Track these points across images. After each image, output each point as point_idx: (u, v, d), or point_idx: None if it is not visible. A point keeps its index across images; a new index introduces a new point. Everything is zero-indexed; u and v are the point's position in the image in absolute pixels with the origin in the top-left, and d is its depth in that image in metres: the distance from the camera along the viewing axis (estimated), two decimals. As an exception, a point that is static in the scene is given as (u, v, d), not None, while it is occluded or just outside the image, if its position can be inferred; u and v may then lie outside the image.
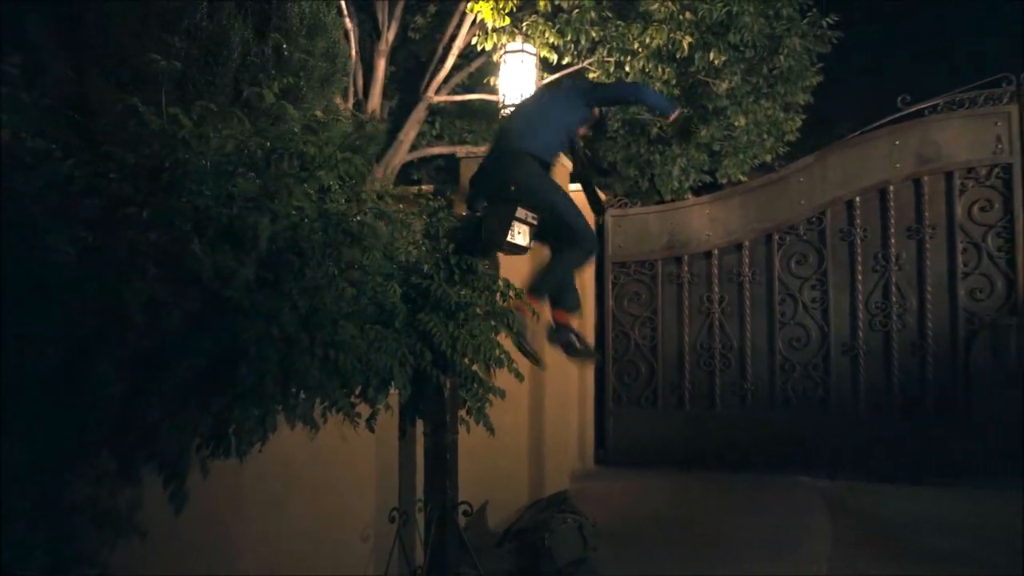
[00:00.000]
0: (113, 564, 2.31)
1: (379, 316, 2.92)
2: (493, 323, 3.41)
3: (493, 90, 7.10)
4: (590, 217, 4.36)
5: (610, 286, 6.93)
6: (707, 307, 6.76)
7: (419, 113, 7.17)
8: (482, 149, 7.18)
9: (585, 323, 6.57)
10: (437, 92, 7.41)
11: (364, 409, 2.93)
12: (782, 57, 6.45)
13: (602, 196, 6.68)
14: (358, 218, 2.82)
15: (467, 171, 5.58)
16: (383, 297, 2.95)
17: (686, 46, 5.85)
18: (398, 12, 7.37)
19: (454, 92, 7.65)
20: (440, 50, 7.62)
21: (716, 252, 6.75)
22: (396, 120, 7.50)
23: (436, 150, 7.68)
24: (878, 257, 6.41)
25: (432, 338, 3.13)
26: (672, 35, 5.77)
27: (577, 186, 6.34)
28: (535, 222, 3.53)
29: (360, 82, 7.47)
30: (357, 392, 2.88)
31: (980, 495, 5.35)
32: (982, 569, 3.78)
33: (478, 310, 3.31)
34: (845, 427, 6.26)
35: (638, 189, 8.54)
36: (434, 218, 3.51)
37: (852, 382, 6.37)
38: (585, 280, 6.57)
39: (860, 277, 6.43)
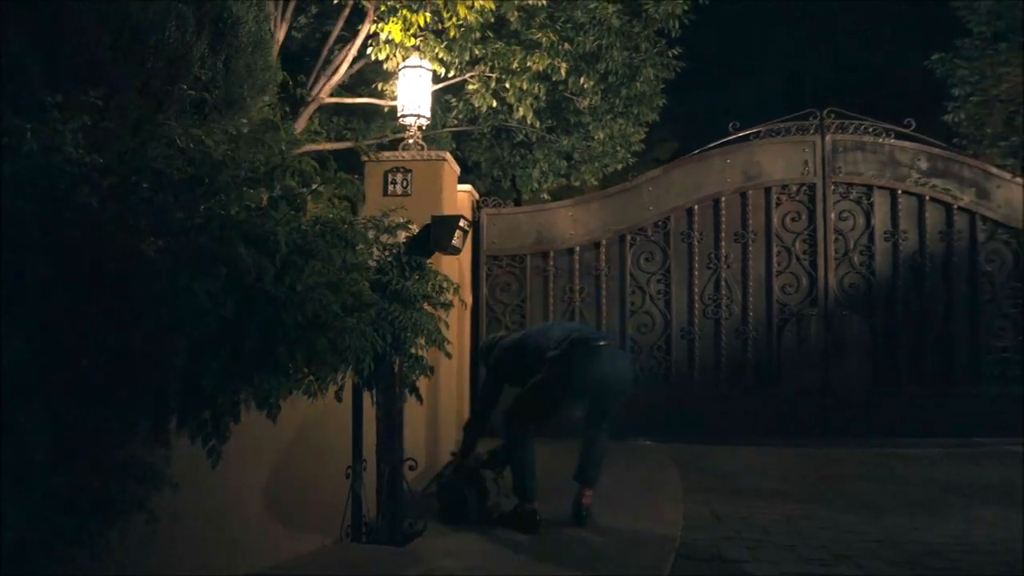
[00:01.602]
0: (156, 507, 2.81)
1: (356, 306, 3.57)
2: (435, 309, 4.15)
3: (379, 93, 7.70)
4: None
5: (484, 277, 7.73)
6: (569, 296, 7.71)
7: (309, 111, 7.64)
8: (368, 143, 7.80)
9: (464, 312, 7.33)
10: (320, 91, 7.88)
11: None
12: (639, 84, 7.51)
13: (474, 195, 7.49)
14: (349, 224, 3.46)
15: (372, 173, 6.20)
16: (358, 290, 3.59)
17: (564, 71, 6.76)
18: (288, 13, 7.77)
19: (334, 93, 8.13)
20: (325, 51, 8.08)
21: (578, 249, 7.71)
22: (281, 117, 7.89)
23: (324, 146, 8.15)
24: (711, 257, 7.60)
25: (393, 324, 3.81)
26: (552, 61, 6.65)
27: (467, 187, 7.14)
28: (468, 228, 4.26)
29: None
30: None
31: (789, 451, 6.62)
32: (790, 499, 4.91)
33: (426, 300, 4.03)
34: (683, 399, 7.43)
35: (500, 188, 9.40)
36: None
37: (689, 361, 7.55)
38: (464, 271, 7.32)
39: (696, 273, 7.60)
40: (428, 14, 6.00)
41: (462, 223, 4.08)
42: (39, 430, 2.45)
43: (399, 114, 6.35)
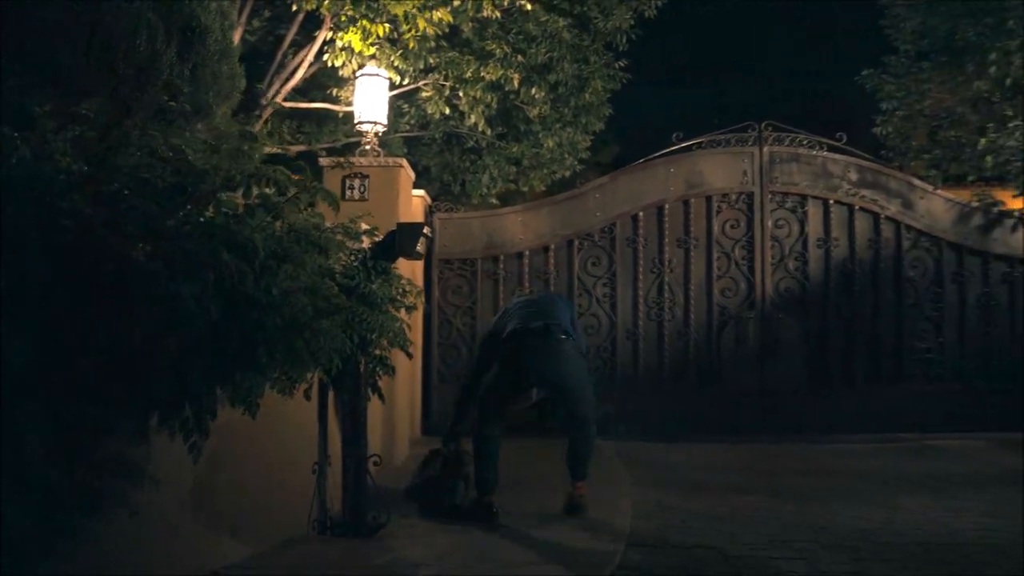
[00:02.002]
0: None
1: (330, 309, 3.74)
2: (398, 311, 4.34)
3: (334, 99, 7.83)
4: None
5: (436, 280, 7.91)
6: (518, 299, 7.95)
7: (265, 116, 7.72)
8: (322, 146, 7.93)
9: (416, 314, 7.50)
10: (275, 96, 7.97)
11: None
12: (588, 95, 7.81)
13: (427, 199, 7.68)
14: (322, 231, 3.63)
15: (329, 178, 6.34)
16: (331, 294, 3.77)
17: (516, 82, 7.00)
18: (243, 18, 7.83)
19: (288, 97, 8.22)
20: (279, 55, 8.17)
21: (527, 253, 7.95)
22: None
23: (275, 149, 8.22)
24: (655, 262, 7.93)
25: (360, 326, 3.99)
26: (505, 72, 6.89)
27: (420, 192, 7.32)
28: (430, 235, 4.47)
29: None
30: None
31: (729, 447, 6.97)
32: (732, 491, 5.23)
33: (391, 303, 4.22)
34: (628, 398, 7.72)
35: (450, 192, 9.59)
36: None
37: (633, 362, 7.86)
38: (416, 274, 7.50)
39: (641, 277, 7.92)
40: (387, 25, 6.17)
41: (426, 230, 4.28)
42: (38, 428, 2.57)
43: (356, 121, 6.50)
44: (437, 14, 5.96)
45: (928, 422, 7.49)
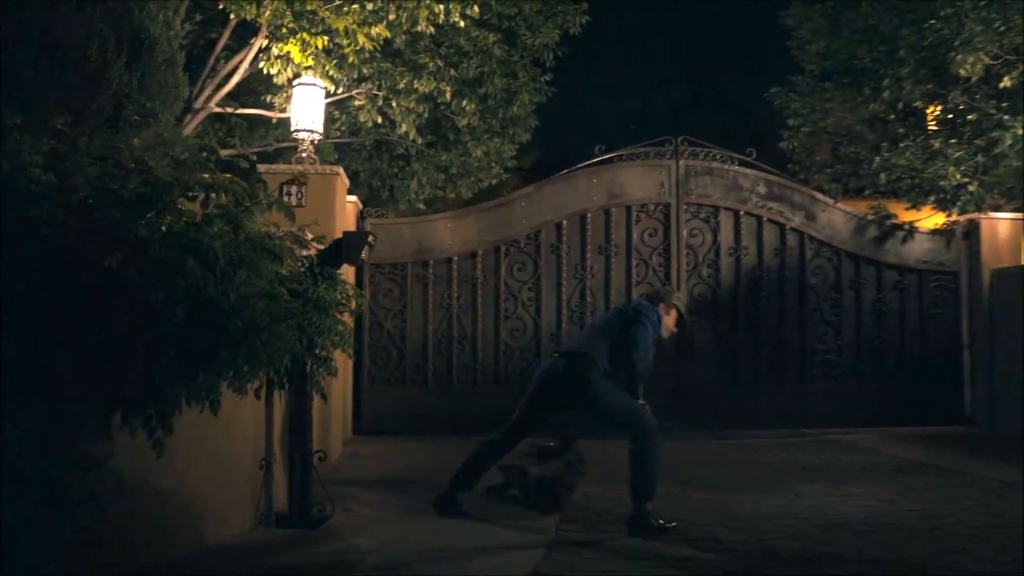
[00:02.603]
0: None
1: (284, 313, 3.97)
2: (343, 315, 4.59)
3: (268, 105, 7.96)
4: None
5: (368, 283, 8.13)
6: (447, 303, 8.24)
7: (198, 120, 7.80)
8: (253, 151, 8.04)
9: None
10: (209, 100, 8.05)
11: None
12: (515, 107, 8.16)
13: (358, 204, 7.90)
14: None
15: (268, 183, 6.49)
16: (283, 298, 4.00)
17: (448, 95, 7.29)
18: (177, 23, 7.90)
19: (220, 102, 8.29)
20: (211, 60, 8.24)
21: (456, 258, 8.25)
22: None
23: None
24: (577, 268, 8.34)
25: (308, 329, 4.22)
26: (438, 85, 7.17)
27: (353, 198, 7.53)
28: (373, 242, 4.73)
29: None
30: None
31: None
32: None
33: (336, 306, 4.46)
34: (552, 398, 8.10)
35: (378, 198, 9.80)
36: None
37: (557, 364, 8.23)
38: (348, 278, 7.70)
39: (564, 282, 8.32)
40: (326, 37, 6.37)
41: (371, 239, 4.54)
42: (18, 427, 2.75)
43: (293, 129, 6.67)
44: (375, 29, 6.19)
45: (828, 418, 8.14)
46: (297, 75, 6.97)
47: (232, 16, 6.85)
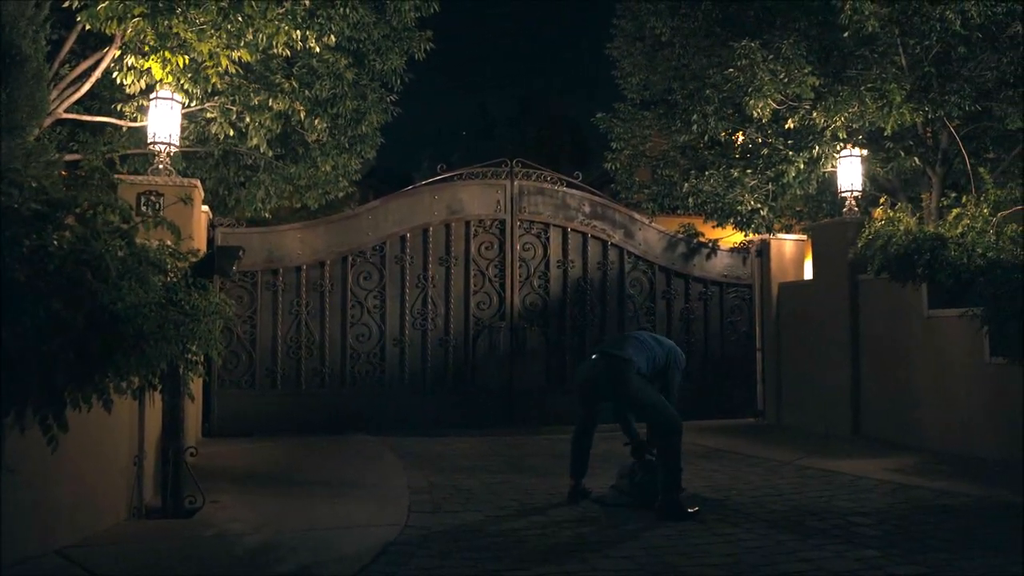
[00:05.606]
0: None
1: (167, 321, 4.36)
2: (215, 322, 5.00)
3: (119, 113, 8.08)
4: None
5: (218, 290, 8.37)
6: (296, 309, 8.64)
7: (45, 125, 7.78)
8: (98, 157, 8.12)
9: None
10: (57, 106, 8.04)
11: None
12: (364, 126, 8.70)
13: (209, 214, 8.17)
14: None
15: (124, 194, 6.70)
16: (168, 307, 4.39)
17: (302, 114, 7.73)
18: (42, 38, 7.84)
19: (69, 108, 8.29)
20: (56, 65, 8.23)
21: (305, 267, 8.67)
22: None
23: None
24: (420, 277, 8.97)
25: (183, 335, 4.62)
26: (293, 104, 7.60)
27: (205, 208, 7.81)
28: (241, 255, 5.16)
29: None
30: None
31: (482, 437, 8.15)
32: (486, 471, 6.37)
33: (212, 314, 4.88)
34: (394, 398, 8.70)
35: (224, 206, 10.02)
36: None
37: (400, 366, 8.84)
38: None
39: (407, 291, 8.93)
40: (187, 57, 6.66)
41: (240, 253, 4.98)
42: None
43: (150, 141, 6.92)
44: (237, 53, 6.57)
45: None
46: (151, 86, 7.19)
47: (87, 27, 6.98)
